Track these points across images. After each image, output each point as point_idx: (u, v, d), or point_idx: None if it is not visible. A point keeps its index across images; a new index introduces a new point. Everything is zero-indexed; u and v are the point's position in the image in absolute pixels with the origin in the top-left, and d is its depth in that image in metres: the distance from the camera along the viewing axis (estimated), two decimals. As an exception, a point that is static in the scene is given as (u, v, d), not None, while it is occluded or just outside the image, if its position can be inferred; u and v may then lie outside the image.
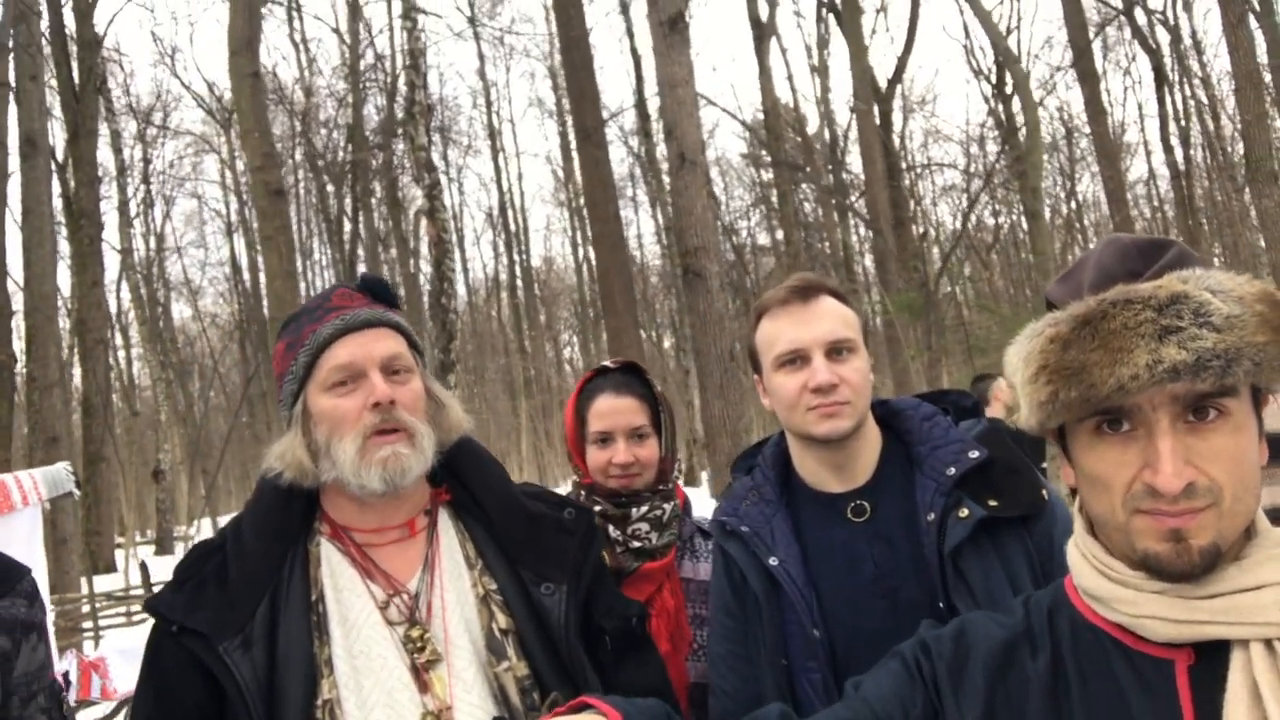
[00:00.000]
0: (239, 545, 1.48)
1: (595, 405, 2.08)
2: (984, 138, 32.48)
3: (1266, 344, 0.91)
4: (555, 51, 32.33)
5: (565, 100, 33.17)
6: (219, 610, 1.40)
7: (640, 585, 1.99)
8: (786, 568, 1.65)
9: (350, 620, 1.45)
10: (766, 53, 19.14)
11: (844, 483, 1.69)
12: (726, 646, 1.75)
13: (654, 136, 26.38)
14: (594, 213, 11.75)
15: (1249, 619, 0.91)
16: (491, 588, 1.52)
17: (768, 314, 1.72)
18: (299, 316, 1.56)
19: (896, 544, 1.62)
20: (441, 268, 13.69)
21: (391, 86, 23.75)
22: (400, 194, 26.91)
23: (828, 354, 1.64)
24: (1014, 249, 33.58)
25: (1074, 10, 18.16)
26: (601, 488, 2.06)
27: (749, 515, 1.73)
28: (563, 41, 12.24)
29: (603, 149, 11.98)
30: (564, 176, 35.00)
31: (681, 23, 8.50)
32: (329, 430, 1.46)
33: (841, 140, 26.33)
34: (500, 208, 33.01)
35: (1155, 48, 24.44)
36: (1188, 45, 27.53)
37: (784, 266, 18.88)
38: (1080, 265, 1.07)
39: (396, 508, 1.53)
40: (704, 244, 8.06)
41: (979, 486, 1.57)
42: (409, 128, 13.67)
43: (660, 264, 31.85)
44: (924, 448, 1.66)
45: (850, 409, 1.63)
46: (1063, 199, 34.31)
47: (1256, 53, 14.42)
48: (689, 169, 8.15)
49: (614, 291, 11.42)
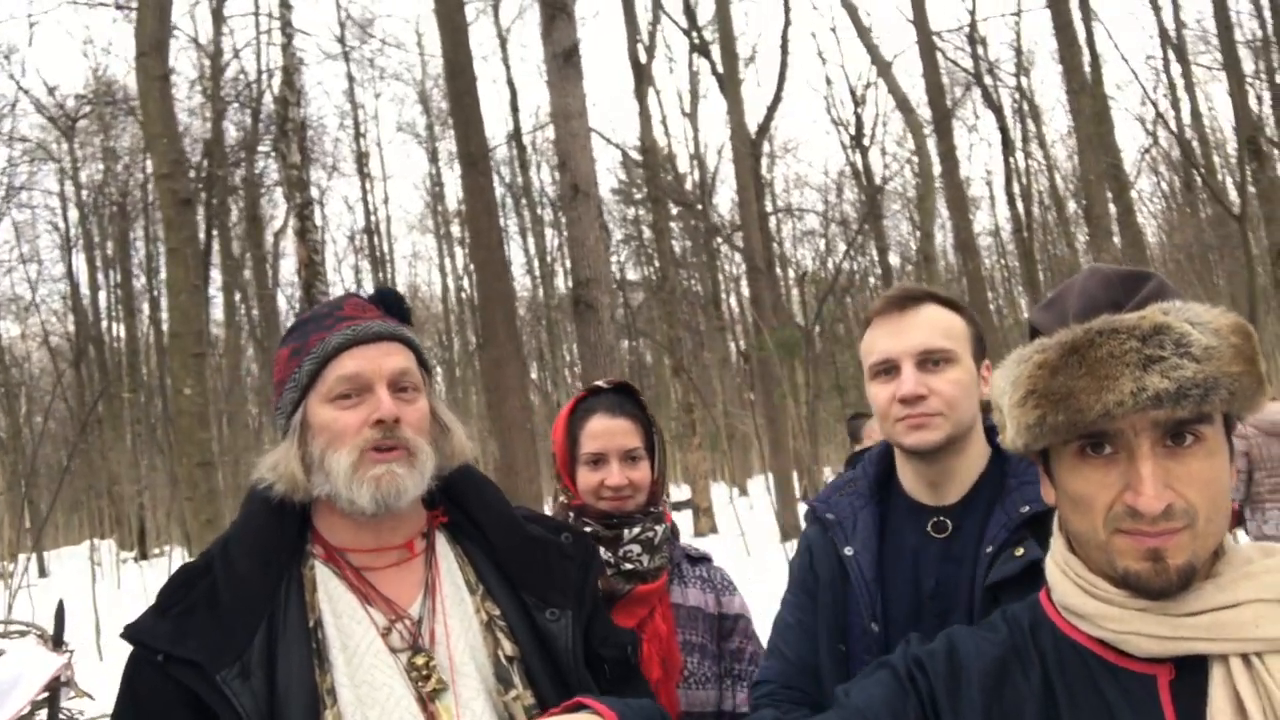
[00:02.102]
0: (229, 568, 1.37)
1: (589, 426, 2.04)
2: (841, 185, 34.05)
3: (1240, 374, 0.98)
4: (426, 77, 32.01)
5: (437, 126, 32.86)
6: (213, 637, 1.30)
7: (633, 609, 1.96)
8: (859, 560, 1.66)
9: (351, 647, 1.36)
10: (646, 94, 19.51)
11: (935, 498, 1.69)
12: (797, 616, 1.78)
13: (529, 168, 26.43)
14: (477, 240, 11.58)
15: (1230, 635, 0.97)
16: (495, 613, 1.47)
17: (870, 325, 1.71)
18: (306, 323, 1.48)
19: (961, 567, 1.61)
20: (312, 290, 13.19)
21: (257, 102, 22.88)
22: (260, 213, 25.88)
23: (919, 364, 1.61)
24: (868, 292, 35.15)
25: (931, 70, 19.30)
26: (592, 509, 2.01)
27: (838, 505, 1.75)
28: (447, 67, 12.08)
29: (487, 176, 11.85)
30: (433, 202, 34.49)
31: (576, 55, 8.56)
32: (326, 442, 1.39)
33: (710, 182, 27.08)
34: (366, 232, 32.16)
35: (1000, 108, 26.20)
36: (1028, 109, 29.70)
37: (661, 301, 19.14)
38: (1064, 294, 1.12)
39: (393, 529, 1.46)
40: (596, 275, 8.08)
41: (1049, 531, 1.59)
42: (281, 145, 13.19)
43: (528, 295, 31.78)
44: (1015, 480, 1.64)
45: (941, 420, 1.60)
46: (913, 248, 36.21)
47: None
48: (582, 200, 8.17)
49: (496, 321, 11.25)
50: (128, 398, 29.36)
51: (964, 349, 1.64)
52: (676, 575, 2.10)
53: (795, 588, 1.80)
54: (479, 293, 12.78)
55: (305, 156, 14.36)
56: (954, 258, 21.09)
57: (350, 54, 25.60)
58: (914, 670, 1.15)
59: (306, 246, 13.23)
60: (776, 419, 15.20)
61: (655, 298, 20.08)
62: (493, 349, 11.04)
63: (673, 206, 21.20)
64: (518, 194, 28.50)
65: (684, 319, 22.55)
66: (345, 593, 1.41)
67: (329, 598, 1.40)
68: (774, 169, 30.02)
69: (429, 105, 32.32)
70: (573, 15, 8.63)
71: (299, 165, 13.12)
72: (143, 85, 11.21)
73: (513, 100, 24.90)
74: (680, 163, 27.02)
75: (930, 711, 1.11)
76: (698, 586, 2.11)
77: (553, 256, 27.99)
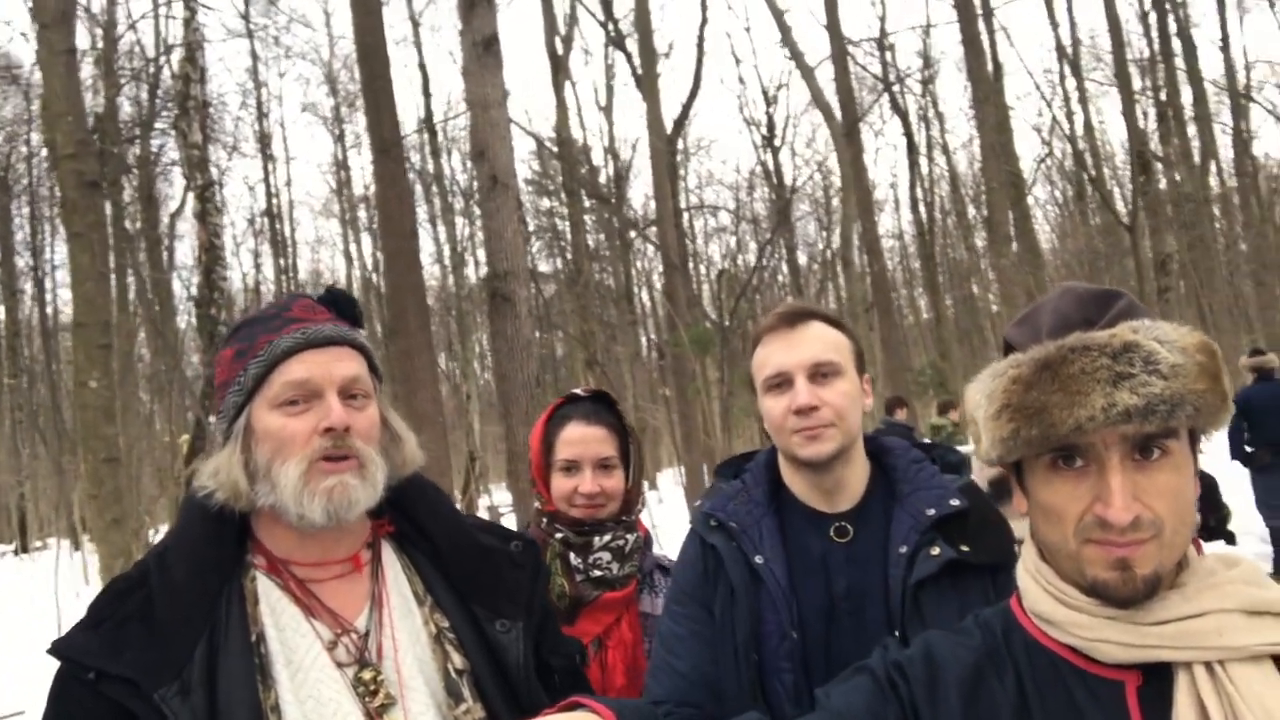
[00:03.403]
0: (166, 580, 1.30)
1: (564, 433, 2.04)
2: (753, 184, 34.51)
3: (1205, 391, 1.02)
4: (335, 57, 31.13)
5: (344, 108, 31.96)
6: (149, 653, 1.24)
7: (599, 615, 1.96)
8: (771, 567, 1.69)
9: (296, 662, 1.31)
10: (563, 85, 19.38)
11: (830, 505, 1.75)
12: (690, 627, 1.76)
13: (440, 155, 25.97)
14: (389, 228, 11.30)
15: (1195, 644, 1.01)
16: (444, 625, 1.44)
17: (760, 341, 1.77)
18: (253, 323, 1.41)
19: (870, 569, 1.68)
20: (212, 275, 12.71)
21: (154, 78, 21.88)
22: (155, 193, 24.77)
23: (811, 377, 1.68)
24: (777, 290, 35.73)
25: (843, 75, 19.68)
26: (564, 516, 2.01)
27: (737, 513, 1.76)
28: (360, 50, 11.76)
29: (400, 163, 11.58)
30: (339, 186, 33.56)
31: (496, 44, 8.42)
32: (272, 451, 1.33)
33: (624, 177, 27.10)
34: (268, 215, 31.11)
35: (906, 114, 26.94)
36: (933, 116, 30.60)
37: (576, 295, 19.06)
38: (1037, 311, 1.16)
39: (338, 540, 1.41)
40: (514, 268, 7.97)
41: (953, 532, 1.65)
42: (182, 124, 12.64)
43: (436, 285, 31.24)
44: (907, 486, 1.73)
45: (834, 431, 1.67)
46: (820, 248, 37.00)
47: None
48: (501, 192, 8.05)
49: (407, 311, 11.01)
50: (9, 384, 27.78)
51: (849, 363, 1.74)
52: (648, 585, 2.10)
53: (685, 598, 1.79)
54: (389, 282, 12.50)
55: (206, 136, 13.82)
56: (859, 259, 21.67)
57: (255, 32, 24.72)
58: (893, 675, 1.16)
59: (207, 230, 12.73)
60: (690, 414, 15.35)
61: (569, 291, 19.97)
62: (403, 339, 10.82)
63: (587, 199, 21.14)
64: (428, 181, 27.96)
65: (595, 313, 22.52)
66: (289, 605, 1.36)
67: (271, 610, 1.34)
68: (688, 166, 30.22)
69: (336, 87, 31.47)
70: (493, 3, 8.49)
71: (200, 145, 12.61)
72: (45, 59, 10.49)
73: (424, 86, 24.41)
74: (594, 156, 27.01)
75: (910, 715, 1.13)
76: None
77: (463, 245, 27.59)
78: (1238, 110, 25.65)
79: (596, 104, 27.38)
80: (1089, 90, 26.42)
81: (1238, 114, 25.72)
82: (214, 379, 1.45)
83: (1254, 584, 1.04)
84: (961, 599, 1.61)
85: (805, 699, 1.63)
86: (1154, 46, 21.09)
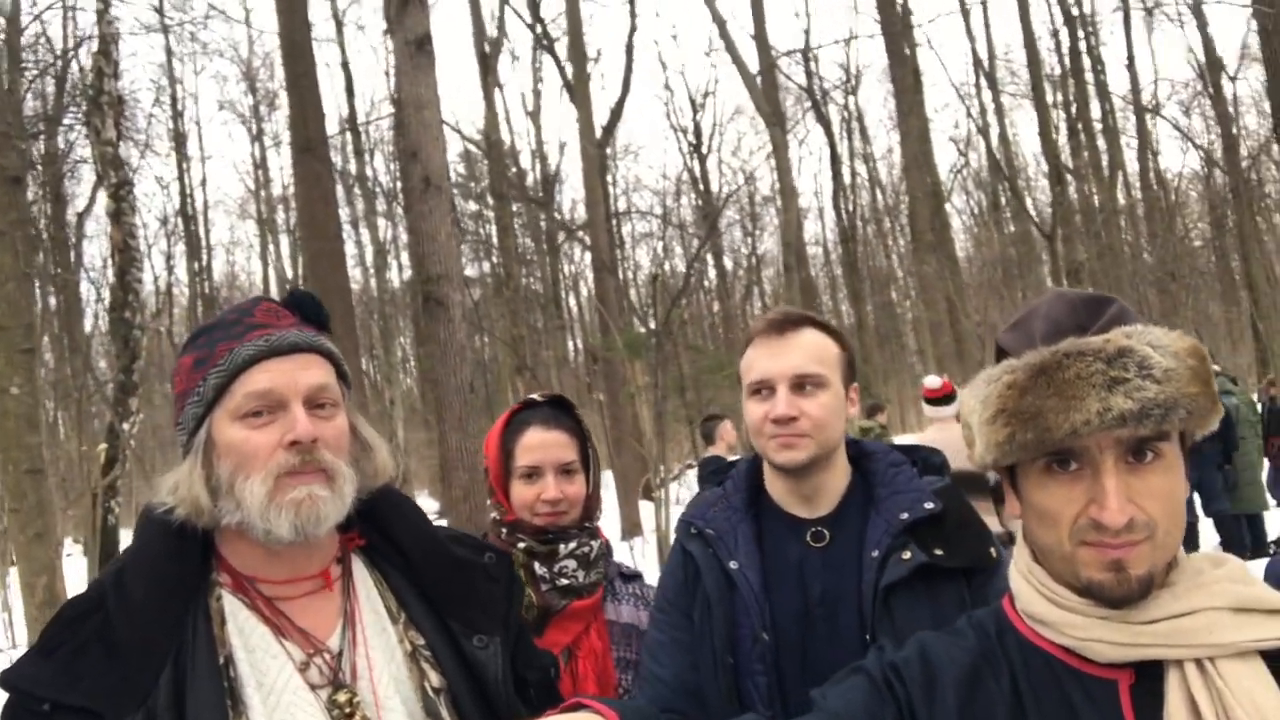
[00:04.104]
0: (125, 602, 1.22)
1: (524, 439, 1.98)
2: (680, 190, 34.74)
3: (1197, 395, 1.04)
4: (254, 55, 30.31)
5: (264, 107, 31.15)
6: (109, 680, 1.16)
7: (568, 625, 1.92)
8: (745, 572, 1.70)
9: (268, 685, 1.25)
10: (492, 87, 19.18)
11: (808, 510, 1.76)
12: (671, 634, 1.77)
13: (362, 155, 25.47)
14: (313, 230, 11.04)
15: (1185, 641, 1.03)
16: (420, 643, 1.38)
17: (751, 343, 1.78)
18: (212, 329, 1.34)
19: (845, 573, 1.69)
20: (126, 278, 12.22)
21: (62, 71, 21.00)
22: (63, 192, 23.77)
23: (793, 387, 1.69)
24: (703, 295, 35.99)
25: (770, 87, 19.93)
26: (527, 525, 1.96)
27: (715, 520, 1.77)
28: (285, 47, 11.48)
29: (325, 163, 11.34)
30: (256, 188, 32.65)
31: (428, 44, 8.29)
32: (235, 466, 1.26)
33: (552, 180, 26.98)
34: (182, 215, 30.11)
35: (829, 124, 27.43)
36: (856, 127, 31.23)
37: (504, 299, 18.86)
38: (1030, 316, 1.17)
39: (308, 556, 1.34)
40: (447, 272, 7.83)
41: (928, 535, 1.66)
42: (95, 119, 12.12)
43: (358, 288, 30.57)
44: (884, 490, 1.74)
45: (809, 442, 1.68)
46: (744, 254, 37.42)
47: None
48: (434, 194, 7.91)
49: (333, 314, 10.76)
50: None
51: (835, 374, 1.74)
52: (610, 592, 2.07)
53: (667, 606, 1.81)
54: (313, 284, 12.21)
55: (120, 133, 13.28)
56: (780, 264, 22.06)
57: (170, 27, 23.89)
58: (890, 675, 1.17)
59: (122, 230, 12.23)
60: (621, 418, 15.32)
61: (498, 296, 19.75)
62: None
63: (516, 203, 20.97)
64: (349, 183, 27.37)
65: (523, 317, 22.35)
66: (257, 625, 1.29)
67: (240, 631, 1.27)
68: (615, 171, 30.26)
69: (255, 85, 30.63)
70: (425, 2, 8.36)
71: (114, 142, 12.12)
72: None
73: (348, 85, 23.92)
74: (522, 159, 26.83)
75: (907, 715, 1.13)
76: (631, 603, 2.09)
77: (387, 248, 27.10)
78: (1142, 125, 26.79)
79: (524, 108, 27.23)
80: (1004, 104, 27.30)
81: (1143, 129, 26.86)
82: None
83: (1241, 582, 1.07)
84: (934, 603, 1.62)
85: (778, 702, 1.65)
86: (1065, 63, 21.85)
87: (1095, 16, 23.55)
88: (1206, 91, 25.33)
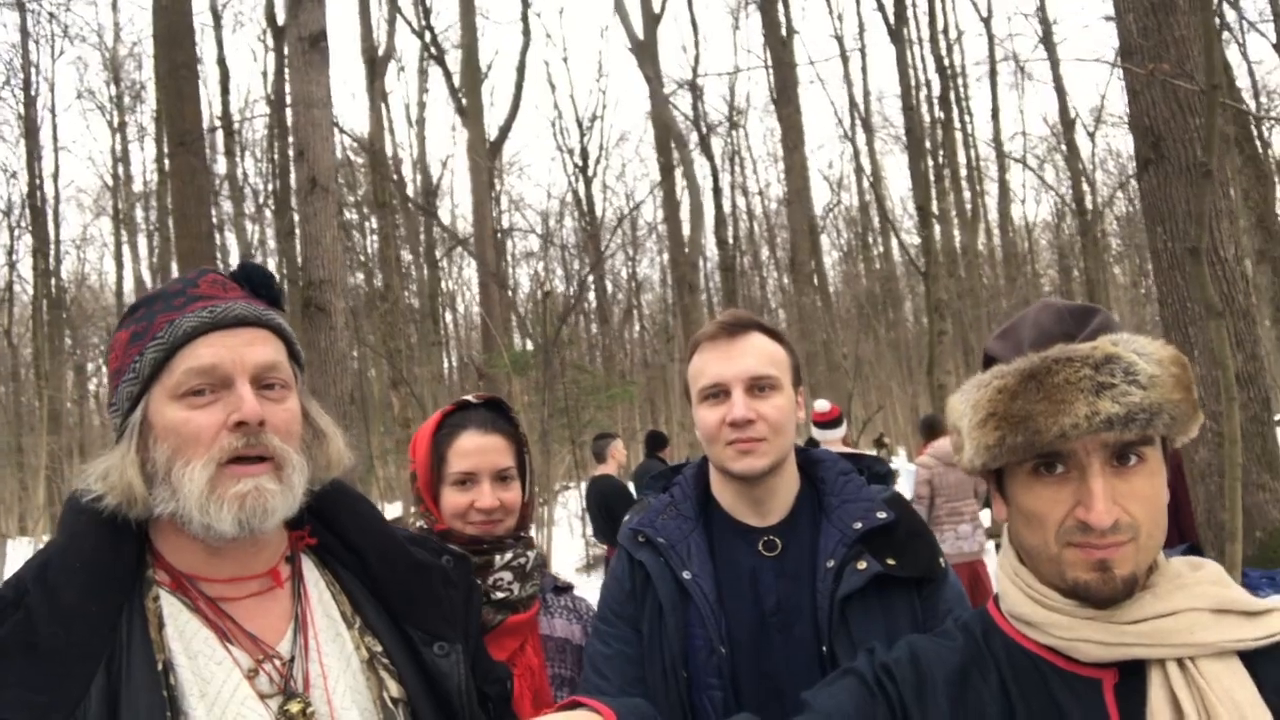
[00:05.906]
0: (51, 600, 1.08)
1: (458, 443, 1.86)
2: (563, 211, 34.76)
3: (1180, 401, 1.08)
4: (120, 42, 28.70)
5: (127, 98, 29.45)
6: (33, 689, 1.02)
7: (504, 641, 1.79)
8: (699, 583, 1.65)
9: (212, 694, 1.13)
10: (379, 92, 18.70)
11: (759, 518, 1.72)
12: (617, 647, 1.69)
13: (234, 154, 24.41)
14: (185, 229, 10.43)
15: (1167, 641, 1.06)
16: (377, 649, 1.28)
17: (698, 348, 1.73)
18: (152, 301, 1.21)
19: (799, 583, 1.66)
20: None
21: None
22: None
23: (748, 390, 1.66)
24: (584, 314, 35.99)
25: (660, 113, 20.17)
26: (458, 534, 1.82)
27: (665, 528, 1.71)
28: (164, 32, 10.87)
29: (201, 157, 10.76)
30: (115, 183, 30.78)
31: (323, 41, 8.04)
32: (173, 450, 1.14)
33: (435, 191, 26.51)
34: (30, 208, 28.06)
35: (713, 156, 27.93)
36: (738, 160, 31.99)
37: (381, 312, 18.28)
38: (1019, 324, 1.20)
39: (254, 554, 1.23)
40: (331, 277, 7.56)
41: (880, 545, 1.65)
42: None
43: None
44: (835, 499, 1.72)
45: (767, 446, 1.65)
46: (625, 277, 37.70)
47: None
48: (320, 195, 7.64)
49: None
50: None
51: (786, 377, 1.73)
52: (543, 606, 1.96)
53: (612, 617, 1.74)
54: (181, 286, 11.54)
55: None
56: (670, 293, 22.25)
57: (27, 5, 22.38)
58: (881, 677, 1.17)
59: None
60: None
61: (376, 308, 19.15)
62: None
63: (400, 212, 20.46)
64: (218, 183, 26.11)
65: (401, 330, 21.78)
66: (200, 628, 1.17)
67: (180, 635, 1.15)
68: (500, 188, 29.98)
69: (120, 75, 28.97)
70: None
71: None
72: None
73: (223, 81, 22.92)
74: (404, 169, 26.26)
75: (899, 716, 1.14)
76: (564, 617, 1.99)
77: (254, 251, 25.94)
78: (1003, 174, 28.43)
79: (407, 118, 26.67)
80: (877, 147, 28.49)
81: (1003, 178, 28.51)
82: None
83: (1219, 584, 1.10)
84: (887, 613, 1.61)
85: (735, 713, 1.59)
86: (934, 112, 22.95)
87: (964, 69, 25.02)
88: (1060, 148, 27.16)
